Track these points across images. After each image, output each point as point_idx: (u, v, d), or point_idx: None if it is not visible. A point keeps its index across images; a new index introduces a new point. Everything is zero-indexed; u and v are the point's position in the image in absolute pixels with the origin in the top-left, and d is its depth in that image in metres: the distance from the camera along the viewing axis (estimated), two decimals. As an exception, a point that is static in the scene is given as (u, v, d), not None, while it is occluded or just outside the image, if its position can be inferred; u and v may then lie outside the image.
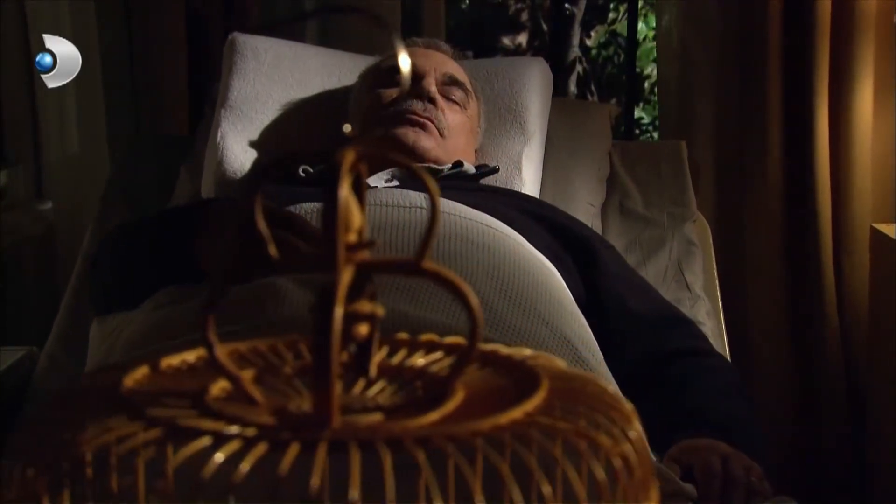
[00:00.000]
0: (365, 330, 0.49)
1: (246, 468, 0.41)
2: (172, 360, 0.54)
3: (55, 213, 2.09)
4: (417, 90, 1.60)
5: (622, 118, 2.41)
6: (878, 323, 1.93)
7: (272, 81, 1.83)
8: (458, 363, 0.49)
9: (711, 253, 1.86)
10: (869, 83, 1.97)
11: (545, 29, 4.46)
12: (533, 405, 0.47)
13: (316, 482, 0.40)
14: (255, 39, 1.87)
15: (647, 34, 3.70)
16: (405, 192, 1.31)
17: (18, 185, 2.06)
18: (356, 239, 0.48)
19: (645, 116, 4.10)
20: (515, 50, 4.40)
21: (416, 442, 0.43)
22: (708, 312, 1.70)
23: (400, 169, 1.50)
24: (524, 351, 0.55)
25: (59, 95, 2.02)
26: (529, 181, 1.75)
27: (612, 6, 4.35)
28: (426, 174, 0.48)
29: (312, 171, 1.56)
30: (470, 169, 1.61)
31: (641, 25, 3.60)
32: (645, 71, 3.93)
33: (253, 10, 2.13)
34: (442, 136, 1.59)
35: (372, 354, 0.51)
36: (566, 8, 4.01)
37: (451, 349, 0.57)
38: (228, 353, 0.49)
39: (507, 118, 1.80)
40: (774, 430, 2.00)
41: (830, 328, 2.02)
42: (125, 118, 2.13)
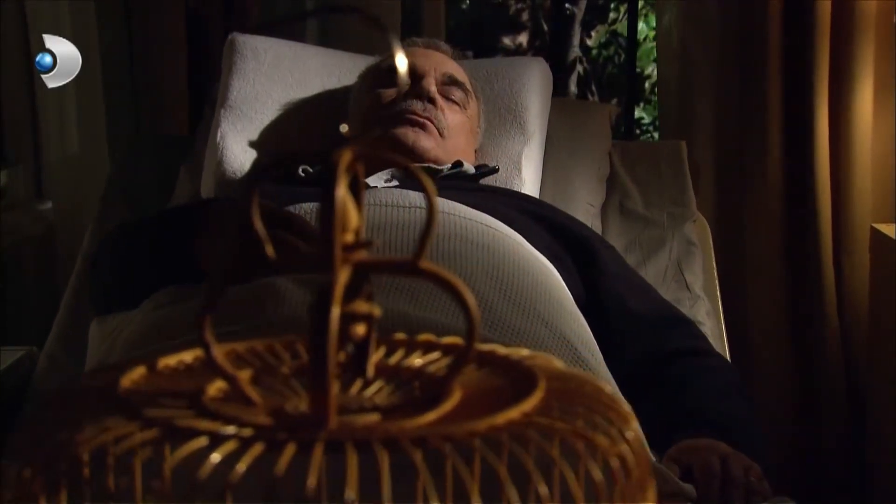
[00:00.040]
0: (362, 330, 0.49)
1: (242, 468, 0.41)
2: (170, 360, 0.54)
3: (55, 213, 2.09)
4: (417, 90, 1.60)
5: (622, 118, 2.41)
6: (878, 323, 1.93)
7: (272, 81, 1.83)
8: (455, 363, 0.49)
9: (711, 253, 1.86)
10: (869, 83, 1.97)
11: (546, 29, 4.46)
12: (530, 405, 0.47)
13: (312, 482, 0.40)
14: (254, 39, 1.87)
15: (647, 34, 3.70)
16: (404, 192, 1.31)
17: (18, 185, 2.06)
18: (353, 239, 0.48)
19: (645, 116, 4.10)
20: (516, 50, 4.40)
21: (412, 442, 0.43)
22: (708, 312, 1.70)
23: (399, 169, 1.50)
24: (521, 351, 0.55)
25: (59, 95, 2.02)
26: (529, 181, 1.75)
27: (612, 6, 4.35)
28: (423, 173, 0.48)
29: (312, 171, 1.56)
30: (469, 169, 1.61)
31: (642, 25, 3.59)
32: (645, 71, 3.93)
33: (253, 10, 2.13)
34: (441, 136, 1.59)
35: (369, 355, 0.51)
36: (567, 8, 4.00)
37: (448, 349, 0.57)
38: (225, 353, 0.49)
39: (506, 118, 1.80)
40: (774, 430, 1.99)
41: (830, 328, 2.02)
42: (125, 118, 2.13)
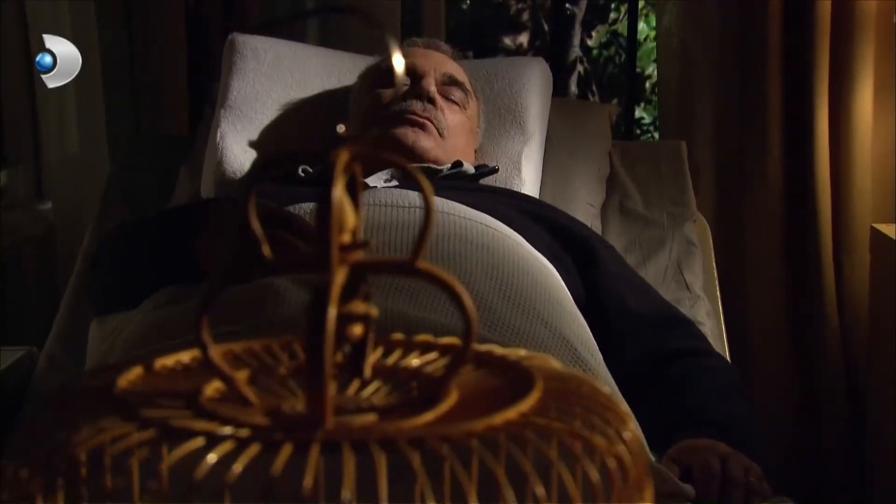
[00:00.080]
0: (359, 330, 0.49)
1: (239, 469, 0.41)
2: (167, 360, 0.54)
3: (55, 213, 2.09)
4: (417, 90, 1.60)
5: (622, 118, 2.41)
6: (878, 323, 1.93)
7: (272, 81, 1.83)
8: (452, 364, 0.49)
9: (711, 253, 1.86)
10: (869, 83, 1.97)
11: (546, 29, 4.46)
12: (527, 406, 0.47)
13: (309, 483, 0.40)
14: (254, 39, 1.87)
15: (647, 34, 3.70)
16: (404, 192, 1.31)
17: (18, 185, 2.06)
18: (350, 239, 0.48)
19: (645, 116, 4.10)
20: (516, 50, 4.40)
21: (409, 443, 0.43)
22: (708, 312, 1.70)
23: (398, 169, 1.50)
24: (519, 351, 0.55)
25: (59, 95, 2.02)
26: (529, 181, 1.75)
27: (612, 6, 4.35)
28: (420, 173, 0.48)
29: (312, 170, 1.56)
30: (469, 169, 1.61)
31: (642, 25, 3.59)
32: (645, 71, 3.93)
33: (253, 10, 2.13)
34: (441, 136, 1.59)
35: (366, 355, 0.51)
36: (567, 8, 4.00)
37: (446, 350, 0.57)
38: (223, 353, 0.49)
39: (506, 118, 1.80)
40: (774, 430, 1.99)
41: (830, 328, 2.02)
42: (125, 118, 2.13)
